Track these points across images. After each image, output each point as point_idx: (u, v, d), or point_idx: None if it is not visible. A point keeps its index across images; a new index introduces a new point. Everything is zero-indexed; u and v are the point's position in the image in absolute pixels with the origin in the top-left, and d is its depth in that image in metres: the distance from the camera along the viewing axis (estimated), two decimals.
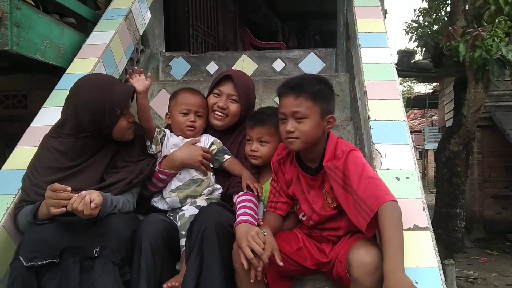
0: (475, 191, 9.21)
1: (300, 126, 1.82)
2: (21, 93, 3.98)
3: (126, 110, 2.04)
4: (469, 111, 5.47)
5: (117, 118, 2.00)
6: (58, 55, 2.86)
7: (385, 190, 1.67)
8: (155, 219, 1.94)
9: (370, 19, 2.84)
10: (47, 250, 1.75)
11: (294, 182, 1.97)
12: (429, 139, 18.45)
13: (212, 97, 2.27)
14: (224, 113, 2.25)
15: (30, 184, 1.94)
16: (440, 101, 11.87)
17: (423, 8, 7.08)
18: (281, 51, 3.99)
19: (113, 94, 2.00)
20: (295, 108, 1.81)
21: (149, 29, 3.63)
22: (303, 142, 1.83)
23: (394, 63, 2.56)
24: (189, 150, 2.15)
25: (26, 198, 1.91)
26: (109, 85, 2.03)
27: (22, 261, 1.70)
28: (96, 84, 2.02)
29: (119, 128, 2.03)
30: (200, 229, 1.82)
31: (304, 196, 1.94)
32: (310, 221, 1.94)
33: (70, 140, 2.00)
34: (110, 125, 2.00)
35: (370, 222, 1.63)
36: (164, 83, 3.47)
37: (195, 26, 6.28)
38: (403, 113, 2.18)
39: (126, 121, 2.05)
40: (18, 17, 2.50)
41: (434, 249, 1.63)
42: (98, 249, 1.78)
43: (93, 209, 1.72)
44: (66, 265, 1.77)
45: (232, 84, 2.25)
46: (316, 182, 1.91)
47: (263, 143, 2.18)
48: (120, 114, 2.00)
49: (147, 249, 1.82)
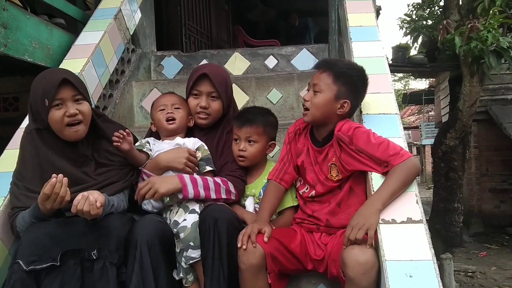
0: (473, 185, 9.19)
1: (314, 98, 1.95)
2: (12, 95, 3.96)
3: (60, 101, 1.90)
4: (465, 105, 5.46)
5: (46, 109, 1.88)
6: (47, 56, 2.84)
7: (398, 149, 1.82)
8: (151, 220, 1.93)
9: (361, 13, 2.83)
10: (46, 253, 1.73)
11: (305, 153, 2.06)
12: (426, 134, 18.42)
13: (192, 99, 2.25)
14: (206, 112, 2.22)
15: (18, 189, 1.91)
16: (436, 97, 11.87)
17: (416, 3, 7.06)
18: (274, 48, 3.96)
19: (45, 83, 1.90)
20: (316, 81, 1.97)
21: (139, 28, 3.61)
22: (312, 114, 1.96)
23: (386, 57, 2.55)
24: (174, 153, 2.11)
25: (18, 205, 1.88)
26: (45, 75, 1.95)
27: (21, 265, 1.67)
28: (37, 78, 1.96)
29: (52, 121, 1.91)
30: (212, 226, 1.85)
31: (312, 167, 2.02)
32: (313, 191, 2.00)
33: (28, 135, 1.97)
34: (45, 116, 1.90)
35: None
36: (156, 83, 3.44)
37: (187, 25, 6.26)
38: (395, 106, 2.18)
39: (61, 114, 1.89)
40: (5, 18, 2.48)
41: (428, 242, 1.62)
42: (95, 251, 1.77)
43: (98, 209, 1.71)
44: (67, 267, 1.75)
45: (209, 82, 2.21)
46: (321, 156, 1.99)
47: (251, 143, 2.18)
48: (49, 105, 1.88)
49: (143, 249, 1.80)
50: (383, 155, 1.80)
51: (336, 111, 1.94)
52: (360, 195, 1.93)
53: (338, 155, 1.92)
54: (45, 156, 1.94)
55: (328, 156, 1.96)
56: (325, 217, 1.95)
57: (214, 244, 1.83)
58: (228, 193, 2.08)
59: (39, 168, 1.93)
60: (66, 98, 1.91)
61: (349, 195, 1.94)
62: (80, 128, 1.95)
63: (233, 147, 2.22)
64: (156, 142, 2.22)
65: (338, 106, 1.94)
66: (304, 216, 2.03)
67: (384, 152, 1.81)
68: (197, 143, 2.21)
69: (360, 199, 1.91)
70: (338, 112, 1.95)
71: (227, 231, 1.84)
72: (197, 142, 2.21)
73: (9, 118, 3.91)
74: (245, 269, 1.82)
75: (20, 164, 1.98)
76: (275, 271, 1.86)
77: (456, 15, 5.50)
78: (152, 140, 2.23)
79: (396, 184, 1.74)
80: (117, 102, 3.12)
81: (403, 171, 1.76)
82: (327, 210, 1.96)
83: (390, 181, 1.75)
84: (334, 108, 1.94)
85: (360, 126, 1.94)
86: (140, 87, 3.37)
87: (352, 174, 1.93)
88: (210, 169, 2.15)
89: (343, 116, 1.97)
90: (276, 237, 1.89)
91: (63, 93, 1.90)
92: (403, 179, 1.76)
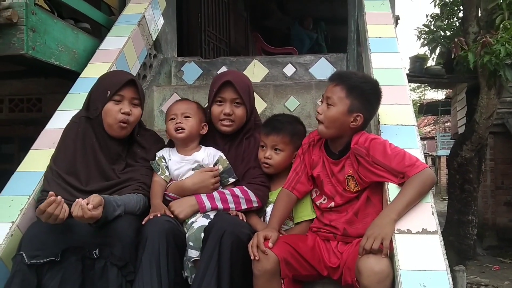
0: (488, 198, 9.09)
1: (327, 111, 1.97)
2: (36, 96, 4.03)
3: (120, 98, 2.06)
4: (482, 118, 5.44)
5: (106, 99, 2.04)
6: (72, 60, 2.90)
7: (414, 160, 1.83)
8: (161, 219, 1.94)
9: (381, 24, 2.86)
10: (48, 249, 1.78)
11: (320, 165, 2.07)
12: (441, 145, 18.28)
13: (216, 107, 2.25)
14: (231, 119, 2.23)
15: (51, 174, 2.01)
16: (452, 108, 11.77)
17: (435, 14, 7.05)
18: (292, 56, 4.01)
19: (111, 78, 2.10)
20: (330, 94, 1.97)
21: (162, 34, 3.68)
22: (325, 126, 1.97)
23: (405, 68, 2.57)
24: (199, 180, 2.14)
25: (48, 189, 1.94)
26: (114, 74, 2.14)
27: (24, 257, 1.74)
28: (107, 74, 2.19)
29: (107, 112, 2.05)
30: (218, 234, 1.86)
31: (329, 179, 2.03)
32: (332, 202, 2.01)
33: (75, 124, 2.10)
34: (101, 106, 2.04)
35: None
36: (176, 88, 3.51)
37: (207, 32, 6.33)
38: (413, 118, 2.19)
39: (116, 108, 2.05)
40: (33, 22, 2.54)
41: (443, 253, 1.63)
42: (97, 250, 1.82)
43: (91, 210, 1.73)
44: (69, 263, 1.80)
45: (233, 88, 2.23)
46: (337, 168, 2.00)
47: (277, 151, 2.19)
48: (110, 96, 2.03)
49: (151, 248, 1.82)
50: (399, 166, 1.83)
51: (349, 124, 1.95)
52: (377, 204, 1.95)
53: (356, 169, 1.94)
54: (90, 141, 2.07)
55: (345, 169, 1.98)
56: (342, 226, 1.97)
57: (213, 256, 1.84)
58: (249, 202, 2.10)
59: (79, 153, 2.04)
60: (127, 97, 2.07)
61: (366, 205, 1.95)
62: (128, 127, 2.09)
63: (259, 154, 2.22)
64: (172, 154, 2.23)
65: (351, 120, 1.94)
66: (320, 225, 2.05)
67: (400, 163, 1.83)
68: (216, 155, 2.22)
69: (377, 209, 1.93)
70: (351, 125, 1.95)
71: (231, 247, 1.85)
72: (216, 154, 2.22)
73: (32, 118, 3.99)
74: (259, 275, 1.83)
75: (60, 150, 2.08)
76: (289, 277, 1.87)
77: (475, 26, 5.49)
78: (166, 153, 2.23)
79: (412, 194, 1.76)
80: None
81: (419, 182, 1.78)
82: (345, 219, 1.97)
83: (405, 192, 1.77)
84: (347, 122, 1.95)
85: (376, 138, 1.96)
86: (161, 92, 3.44)
87: (369, 185, 1.95)
88: (233, 181, 2.18)
89: (356, 129, 1.98)
90: (288, 242, 1.91)
91: (125, 92, 2.07)
92: (419, 190, 1.78)
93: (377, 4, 3.06)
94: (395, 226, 1.71)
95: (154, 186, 2.12)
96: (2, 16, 2.41)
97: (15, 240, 1.90)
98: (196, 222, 2.02)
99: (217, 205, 2.05)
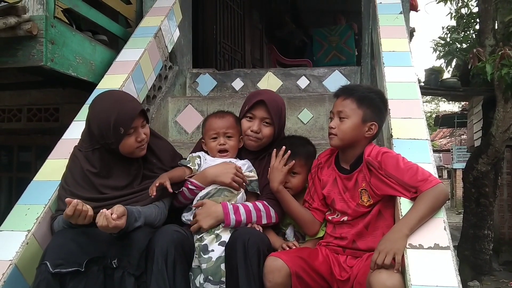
0: (504, 213, 8.97)
1: (341, 124, 2.00)
2: (53, 106, 4.08)
3: (133, 129, 2.04)
4: (498, 131, 5.40)
5: (121, 137, 2.01)
6: (90, 71, 2.95)
7: (427, 175, 1.83)
8: (168, 230, 1.97)
9: (395, 38, 2.86)
10: (73, 258, 1.81)
11: (331, 183, 2.09)
12: (457, 158, 18.06)
13: (245, 121, 2.29)
14: (257, 137, 2.27)
15: (65, 193, 2.02)
16: (469, 120, 11.66)
17: (451, 26, 7.02)
18: (306, 69, 4.02)
19: (119, 112, 2.01)
20: (340, 108, 2.01)
21: (177, 46, 3.73)
22: (340, 139, 2.01)
23: (418, 82, 2.57)
24: (222, 168, 2.16)
25: (63, 207, 1.96)
26: (118, 103, 2.05)
27: (48, 266, 1.76)
28: (106, 101, 2.08)
29: (125, 146, 2.05)
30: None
31: (340, 196, 2.05)
32: (345, 217, 2.02)
33: (88, 152, 2.08)
34: (116, 142, 2.02)
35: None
36: (191, 99, 3.54)
37: (222, 43, 6.38)
38: (426, 132, 2.19)
39: (133, 140, 2.05)
40: (53, 34, 2.60)
41: (455, 269, 1.62)
42: (115, 260, 1.86)
43: (115, 220, 1.78)
44: (91, 273, 1.84)
45: (265, 108, 2.26)
46: (350, 182, 2.02)
47: (294, 175, 2.21)
48: (124, 133, 2.01)
49: (159, 258, 1.85)
50: (411, 181, 1.83)
51: (364, 134, 2.00)
52: (388, 218, 1.95)
53: (368, 180, 1.95)
54: (107, 166, 2.08)
55: (358, 182, 1.99)
56: (352, 238, 1.98)
57: (242, 262, 1.86)
58: (269, 217, 2.12)
59: (88, 179, 2.05)
60: (138, 125, 2.07)
61: (377, 218, 1.96)
62: (145, 146, 2.12)
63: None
64: (208, 158, 2.28)
65: (366, 129, 2.00)
66: (330, 239, 2.06)
67: (412, 178, 1.83)
68: (251, 167, 2.26)
69: (387, 223, 1.93)
70: (366, 134, 2.00)
71: (257, 253, 1.88)
72: (250, 167, 2.26)
73: (49, 128, 4.05)
74: (270, 287, 1.85)
75: (69, 173, 2.09)
76: None
77: (492, 39, 5.46)
78: (203, 155, 2.29)
79: (424, 210, 1.76)
80: (153, 117, 3.23)
81: (432, 197, 1.78)
82: (354, 231, 1.98)
83: (418, 207, 1.77)
84: (363, 131, 2.00)
85: (388, 151, 1.98)
86: (176, 103, 3.48)
87: (382, 198, 1.96)
88: (255, 192, 2.21)
89: (371, 139, 2.03)
90: (300, 256, 1.92)
91: (136, 122, 2.06)
92: (431, 205, 1.77)
93: (391, 18, 3.07)
94: (407, 241, 1.71)
95: (176, 168, 2.18)
96: (23, 28, 2.47)
97: (31, 248, 1.94)
98: (213, 251, 2.00)
99: (241, 218, 2.06)
